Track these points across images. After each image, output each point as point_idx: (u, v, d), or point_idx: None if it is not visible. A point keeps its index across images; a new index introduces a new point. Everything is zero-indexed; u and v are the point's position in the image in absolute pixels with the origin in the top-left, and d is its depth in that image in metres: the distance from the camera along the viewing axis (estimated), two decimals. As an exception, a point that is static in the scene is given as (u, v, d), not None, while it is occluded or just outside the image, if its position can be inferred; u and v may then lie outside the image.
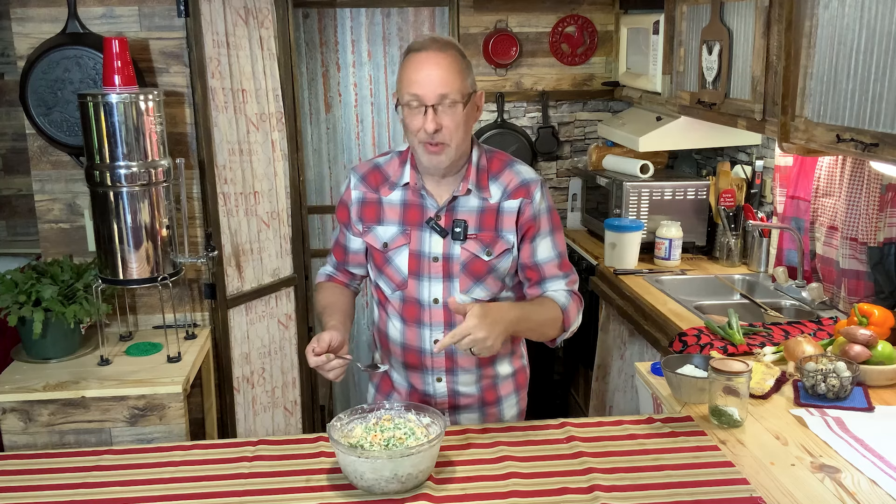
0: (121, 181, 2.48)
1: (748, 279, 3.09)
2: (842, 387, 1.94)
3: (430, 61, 1.72)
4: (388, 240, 1.87)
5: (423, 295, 1.87)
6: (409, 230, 1.86)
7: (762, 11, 2.47)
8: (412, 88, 1.72)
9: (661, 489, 1.58)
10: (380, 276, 1.92)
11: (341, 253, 1.99)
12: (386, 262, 1.88)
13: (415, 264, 1.86)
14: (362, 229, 1.91)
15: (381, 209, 1.88)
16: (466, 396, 1.96)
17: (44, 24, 2.69)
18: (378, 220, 1.89)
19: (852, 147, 2.00)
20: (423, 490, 1.59)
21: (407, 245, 1.86)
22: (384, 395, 2.03)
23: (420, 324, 1.89)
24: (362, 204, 1.90)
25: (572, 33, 3.94)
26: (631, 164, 3.50)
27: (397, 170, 1.89)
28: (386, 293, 1.92)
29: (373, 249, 1.90)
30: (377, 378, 2.06)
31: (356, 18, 3.91)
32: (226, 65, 2.87)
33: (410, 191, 1.87)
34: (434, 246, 1.85)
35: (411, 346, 1.92)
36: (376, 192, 1.89)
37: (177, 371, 2.55)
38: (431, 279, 1.86)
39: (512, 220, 1.86)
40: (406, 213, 1.86)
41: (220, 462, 1.73)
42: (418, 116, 1.74)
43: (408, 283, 1.87)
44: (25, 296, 2.50)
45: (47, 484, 1.66)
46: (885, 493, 1.56)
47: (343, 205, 1.93)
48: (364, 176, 1.91)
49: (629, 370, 2.94)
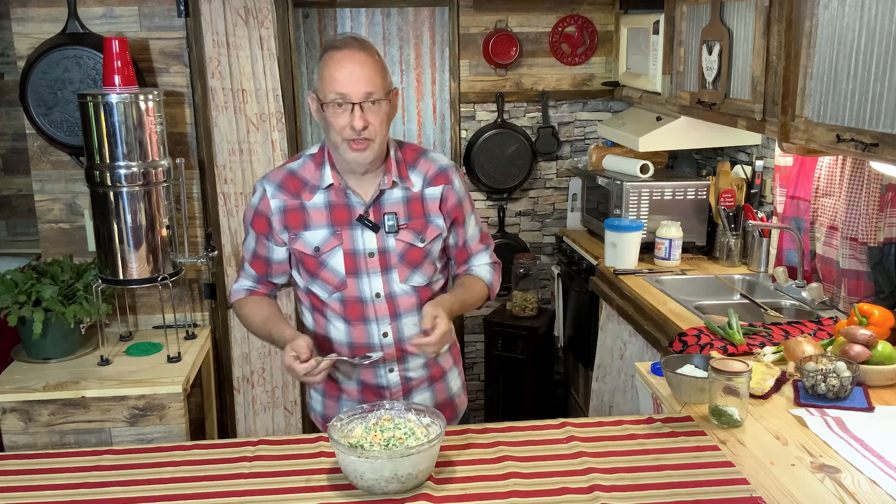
0: (121, 181, 2.48)
1: (748, 279, 3.09)
2: (842, 387, 1.94)
3: (353, 60, 1.75)
4: (318, 244, 1.86)
5: (363, 292, 1.88)
6: (340, 230, 1.86)
7: (762, 11, 2.47)
8: (337, 87, 1.74)
9: (661, 489, 1.58)
10: (314, 281, 1.89)
11: (262, 265, 1.94)
12: (320, 266, 1.87)
13: (351, 263, 1.87)
14: (289, 237, 1.87)
15: (306, 214, 1.86)
16: (417, 380, 1.99)
17: (44, 24, 2.70)
18: (305, 226, 1.86)
19: (852, 147, 2.00)
20: (423, 490, 1.59)
21: (340, 245, 1.86)
22: (334, 399, 2.00)
23: (366, 320, 1.90)
24: (284, 212, 1.86)
25: (572, 33, 3.94)
26: (631, 164, 3.50)
27: (314, 173, 1.87)
28: (322, 297, 1.90)
29: (303, 256, 1.87)
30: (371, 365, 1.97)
31: (356, 18, 3.91)
32: (226, 65, 2.87)
33: (334, 192, 1.86)
34: (368, 242, 1.87)
35: (359, 344, 1.91)
36: (297, 198, 1.86)
37: (177, 371, 2.55)
38: (370, 275, 1.88)
39: (436, 205, 1.93)
40: (333, 215, 1.86)
41: (220, 462, 1.73)
42: (344, 115, 1.76)
43: (346, 283, 1.87)
44: (25, 296, 2.50)
45: (47, 484, 1.66)
46: (885, 493, 1.56)
47: (260, 215, 1.88)
48: (280, 184, 1.87)
49: (629, 370, 2.94)
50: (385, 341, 1.90)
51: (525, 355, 3.80)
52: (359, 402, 1.95)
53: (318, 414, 2.06)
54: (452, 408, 2.08)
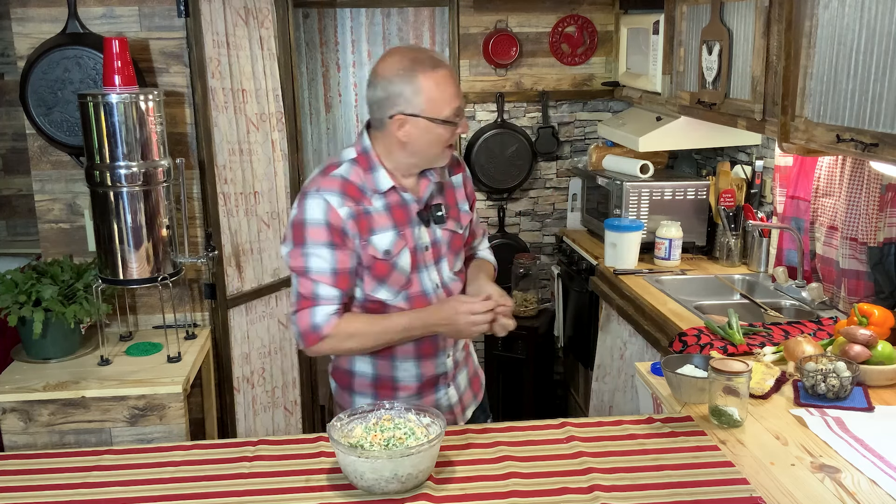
0: (121, 181, 2.48)
1: (748, 279, 3.09)
2: (842, 387, 1.94)
3: (452, 77, 1.84)
4: (388, 246, 1.86)
5: (426, 286, 1.93)
6: (403, 230, 1.88)
7: (762, 11, 2.47)
8: (454, 103, 1.83)
9: (661, 489, 1.58)
10: (381, 285, 1.88)
11: (347, 280, 1.85)
12: (391, 269, 1.87)
13: (414, 260, 1.90)
14: (360, 244, 1.84)
15: (371, 219, 1.85)
16: (461, 361, 2.09)
17: (44, 24, 2.70)
18: (371, 231, 1.84)
19: (852, 147, 2.00)
20: (423, 490, 1.59)
21: (406, 246, 1.88)
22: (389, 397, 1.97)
23: None
24: (355, 218, 1.83)
25: (572, 33, 3.94)
26: (631, 164, 3.50)
27: (366, 177, 1.86)
28: (387, 299, 1.89)
29: (374, 261, 1.85)
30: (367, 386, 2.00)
31: (356, 18, 3.91)
32: (226, 65, 2.87)
33: (390, 194, 1.87)
34: (423, 236, 1.92)
35: (427, 337, 1.93)
36: (360, 204, 1.84)
37: (177, 371, 2.55)
38: (428, 268, 1.93)
39: (462, 192, 2.04)
40: (394, 216, 1.88)
41: (220, 462, 1.73)
42: (452, 128, 1.85)
43: (411, 280, 1.90)
44: (25, 296, 2.50)
45: (47, 484, 1.66)
46: (885, 493, 1.56)
47: (334, 228, 1.81)
48: (342, 192, 1.83)
49: (629, 370, 2.94)
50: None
51: (525, 355, 3.80)
52: (416, 395, 1.98)
53: None
54: (479, 379, 2.21)
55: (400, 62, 1.79)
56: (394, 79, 1.78)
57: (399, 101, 1.79)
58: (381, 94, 1.81)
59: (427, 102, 1.79)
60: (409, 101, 1.79)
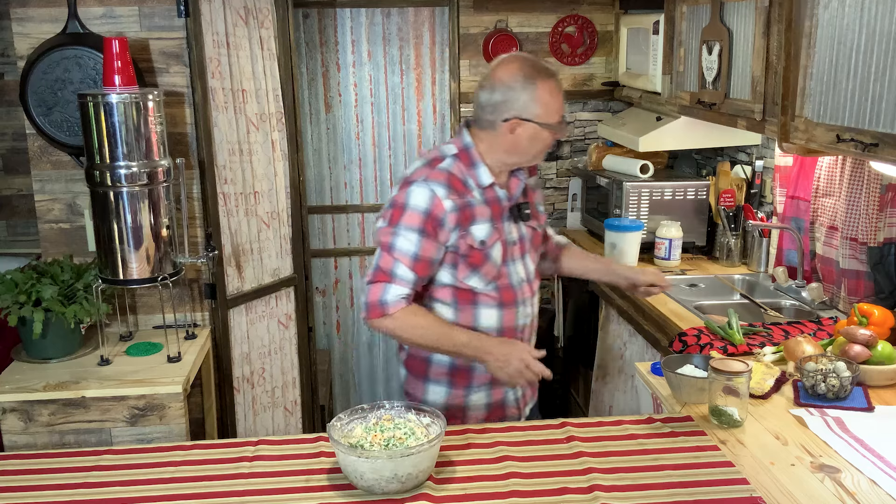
0: (121, 181, 2.48)
1: (748, 279, 3.09)
2: (842, 387, 1.94)
3: (560, 86, 2.00)
4: (484, 237, 1.97)
5: (513, 279, 2.05)
6: (497, 224, 2.01)
7: (762, 11, 2.47)
8: (562, 111, 2.00)
9: (661, 489, 1.58)
10: (473, 274, 1.99)
11: (427, 267, 1.96)
12: (485, 259, 1.99)
13: (505, 253, 2.03)
14: (458, 235, 1.95)
15: (472, 211, 1.97)
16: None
17: (44, 24, 2.69)
18: (471, 222, 1.96)
19: (852, 147, 2.00)
20: (423, 490, 1.59)
21: (499, 238, 2.00)
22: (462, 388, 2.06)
23: (516, 304, 2.05)
24: (457, 211, 1.94)
25: (572, 33, 3.94)
26: (631, 164, 3.50)
27: (468, 172, 1.99)
28: (478, 288, 2.00)
29: (470, 250, 1.96)
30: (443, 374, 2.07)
31: (356, 18, 3.91)
32: (226, 65, 2.87)
33: (487, 189, 2.00)
34: (513, 232, 2.05)
35: (509, 327, 2.05)
36: (464, 197, 1.96)
37: (177, 371, 2.55)
38: (516, 262, 2.06)
39: (538, 193, 2.20)
40: (491, 209, 2.00)
41: (220, 462, 1.74)
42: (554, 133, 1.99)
43: (501, 273, 2.02)
44: (25, 296, 2.50)
45: (47, 484, 1.66)
46: (885, 493, 1.56)
47: (431, 217, 1.91)
48: (448, 184, 1.95)
49: (629, 370, 2.94)
50: (527, 321, 2.10)
51: (525, 355, 3.79)
52: (487, 386, 2.07)
53: (441, 408, 2.07)
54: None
55: (521, 69, 1.94)
56: (514, 85, 1.94)
57: (516, 106, 1.94)
58: (498, 97, 1.95)
59: (541, 108, 1.94)
60: (525, 106, 1.94)
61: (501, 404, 2.10)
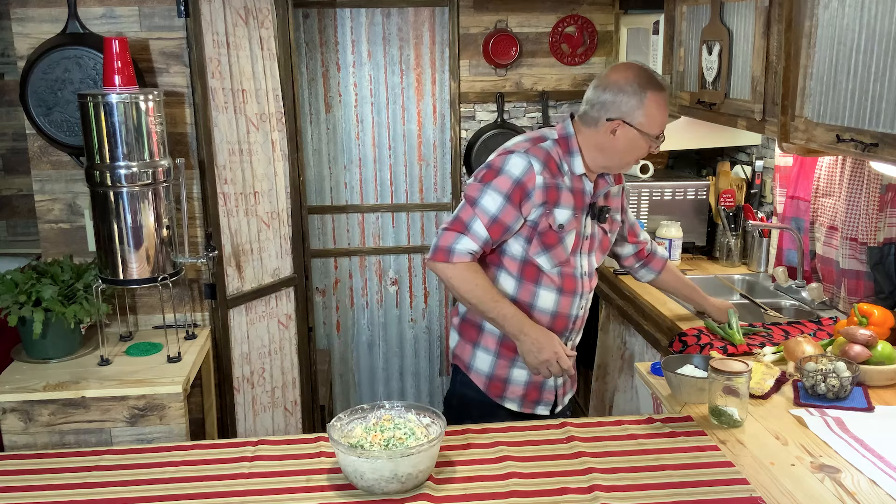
0: (121, 181, 2.48)
1: (748, 279, 3.09)
2: (842, 387, 1.94)
3: (667, 100, 2.06)
4: (563, 221, 2.06)
5: (577, 270, 2.14)
6: (577, 213, 2.09)
7: (762, 11, 2.47)
8: (663, 126, 2.06)
9: (661, 489, 1.58)
10: (544, 252, 2.07)
11: (501, 231, 2.04)
12: (558, 242, 2.07)
13: (576, 243, 2.12)
14: (543, 211, 2.03)
15: (560, 193, 2.05)
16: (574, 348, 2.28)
17: (44, 24, 2.69)
18: (556, 203, 2.05)
19: (852, 147, 2.00)
20: (423, 490, 1.59)
21: (575, 227, 2.09)
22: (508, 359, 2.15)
23: (574, 293, 2.14)
24: (546, 188, 2.03)
25: (572, 33, 3.95)
26: (631, 164, 3.50)
27: (565, 158, 2.08)
28: (545, 268, 2.09)
29: (548, 229, 2.05)
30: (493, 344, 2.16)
31: (356, 18, 3.91)
32: (226, 65, 2.87)
33: (577, 179, 2.08)
34: (588, 227, 2.14)
35: (563, 313, 2.15)
36: (556, 178, 2.05)
37: (177, 371, 2.55)
38: (583, 255, 2.15)
39: (618, 201, 2.26)
40: (575, 199, 2.08)
41: (220, 462, 1.74)
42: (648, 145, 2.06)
43: (569, 260, 2.11)
44: (25, 296, 2.50)
45: (47, 484, 1.66)
46: (885, 493, 1.56)
47: (521, 186, 2.01)
48: (545, 162, 2.04)
49: (629, 370, 2.94)
50: (580, 313, 2.19)
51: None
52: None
53: (482, 374, 2.17)
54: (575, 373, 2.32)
55: (637, 76, 2.00)
56: (626, 88, 2.00)
57: (623, 109, 2.01)
58: (608, 97, 2.02)
59: (646, 118, 2.01)
60: (631, 111, 2.01)
61: (540, 386, 2.20)
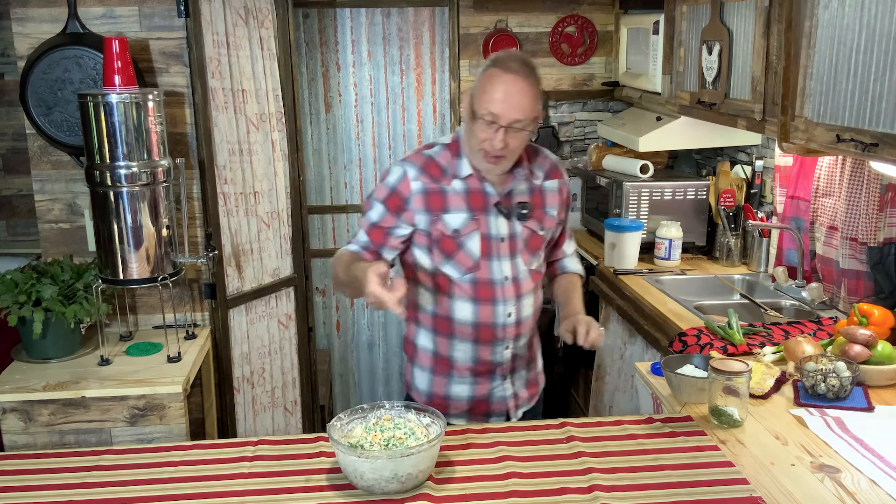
0: (121, 181, 2.48)
1: (748, 279, 3.09)
2: (842, 387, 1.94)
3: (515, 85, 1.84)
4: (458, 226, 1.97)
5: (495, 275, 2.01)
6: (477, 216, 1.98)
7: (762, 11, 2.47)
8: (491, 107, 1.84)
9: (661, 489, 1.58)
10: (447, 261, 1.99)
11: (381, 234, 2.00)
12: (458, 248, 1.98)
13: (486, 247, 1.99)
14: (430, 219, 1.97)
15: (446, 198, 1.97)
16: (521, 358, 2.14)
17: (44, 24, 2.69)
18: (444, 209, 1.97)
19: (852, 147, 2.00)
20: (423, 490, 1.59)
21: (477, 230, 1.98)
22: (443, 375, 2.07)
23: (494, 301, 2.01)
24: (426, 194, 1.97)
25: (572, 33, 3.95)
26: (631, 164, 3.50)
27: (451, 161, 1.99)
28: (453, 277, 2.00)
29: (442, 237, 1.97)
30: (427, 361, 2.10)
31: (356, 18, 3.91)
32: (226, 65, 2.87)
33: (471, 180, 1.98)
34: (501, 228, 2.00)
35: (486, 323, 2.02)
36: (438, 183, 1.97)
37: (177, 371, 2.55)
38: (501, 259, 2.01)
39: (555, 197, 2.10)
40: (471, 201, 1.98)
41: (220, 462, 1.74)
42: (488, 131, 1.86)
43: (480, 265, 1.99)
44: (25, 296, 2.50)
45: (47, 484, 1.66)
46: (885, 493, 1.56)
47: (397, 194, 1.97)
48: (422, 167, 1.98)
49: (629, 370, 2.94)
50: (508, 321, 2.03)
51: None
52: (470, 379, 2.06)
53: (422, 393, 2.12)
54: (537, 383, 2.23)
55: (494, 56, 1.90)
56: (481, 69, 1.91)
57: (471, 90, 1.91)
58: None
59: (478, 90, 1.88)
60: (474, 86, 1.90)
61: (486, 399, 2.09)
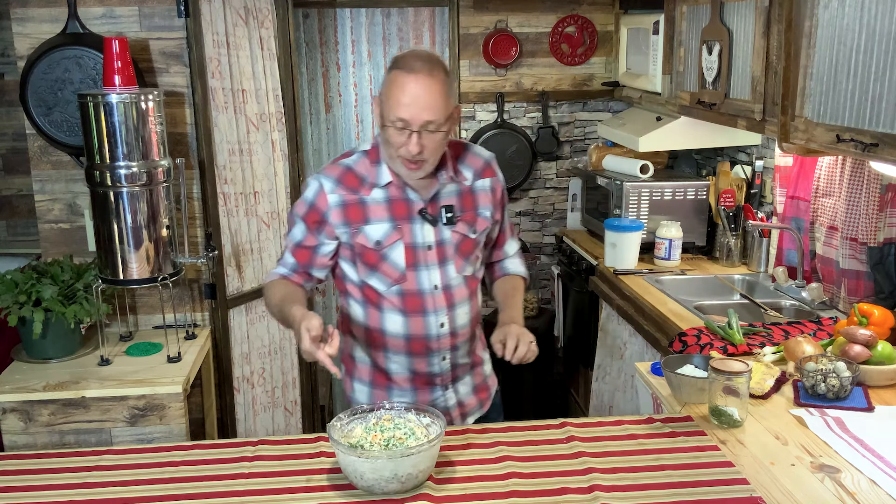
0: (121, 181, 2.48)
1: (748, 279, 3.09)
2: (842, 387, 1.94)
3: (418, 85, 1.74)
4: (380, 237, 1.89)
5: (423, 284, 1.92)
6: (400, 225, 1.89)
7: (762, 11, 2.47)
8: (399, 112, 1.75)
9: (661, 489, 1.58)
10: (372, 274, 1.92)
11: (306, 255, 1.93)
12: (381, 259, 1.90)
13: (411, 256, 1.91)
14: (350, 232, 1.89)
15: (366, 209, 1.89)
16: (462, 366, 2.07)
17: (44, 24, 2.70)
18: (365, 220, 1.89)
19: (852, 147, 2.00)
20: (423, 490, 1.59)
21: (401, 239, 1.89)
22: (382, 388, 2.02)
23: (424, 312, 1.93)
24: (344, 207, 1.88)
25: (572, 33, 3.94)
26: (631, 164, 3.50)
27: (371, 169, 1.90)
28: (380, 290, 1.92)
29: (364, 249, 1.89)
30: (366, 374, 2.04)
31: (356, 18, 3.91)
32: (226, 65, 2.87)
33: (392, 188, 1.89)
34: (427, 235, 1.91)
35: (417, 335, 1.95)
36: (356, 193, 1.89)
37: (177, 371, 2.55)
38: (429, 267, 1.93)
39: (487, 197, 1.99)
40: (393, 210, 1.89)
41: (220, 462, 1.73)
42: (402, 136, 1.78)
43: (406, 276, 1.91)
44: (25, 296, 2.50)
45: (47, 484, 1.66)
46: (885, 493, 1.56)
47: (314, 210, 1.89)
48: (338, 179, 1.89)
49: (629, 370, 2.94)
50: (441, 331, 1.95)
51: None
52: (410, 390, 2.01)
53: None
54: (487, 388, 2.18)
55: (398, 56, 1.81)
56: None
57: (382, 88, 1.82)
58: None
59: (384, 96, 1.79)
60: (380, 93, 1.82)
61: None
